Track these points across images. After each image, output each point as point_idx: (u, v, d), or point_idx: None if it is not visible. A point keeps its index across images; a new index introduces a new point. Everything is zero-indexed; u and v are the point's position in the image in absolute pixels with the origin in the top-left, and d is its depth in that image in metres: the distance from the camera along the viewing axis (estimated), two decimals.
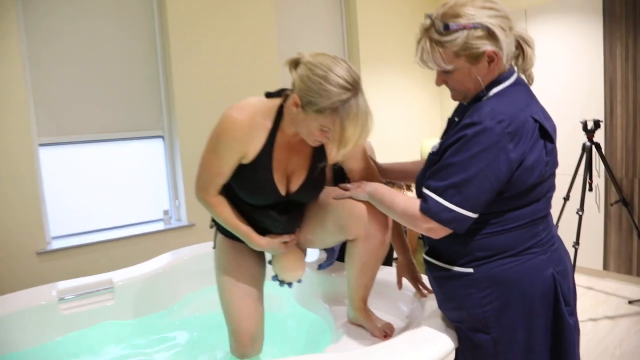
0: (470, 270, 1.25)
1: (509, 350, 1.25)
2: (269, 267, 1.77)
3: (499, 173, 1.14)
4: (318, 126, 1.33)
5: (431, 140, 4.39)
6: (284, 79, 3.96)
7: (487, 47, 1.17)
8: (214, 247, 1.76)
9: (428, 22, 1.22)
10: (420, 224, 1.20)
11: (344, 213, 1.48)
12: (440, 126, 5.14)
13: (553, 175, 1.28)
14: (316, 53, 1.35)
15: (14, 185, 2.79)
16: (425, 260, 1.40)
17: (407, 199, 1.27)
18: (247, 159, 1.46)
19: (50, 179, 3.03)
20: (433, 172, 1.22)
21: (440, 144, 1.28)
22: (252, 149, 1.44)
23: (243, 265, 1.66)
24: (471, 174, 1.13)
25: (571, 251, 3.02)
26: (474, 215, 1.17)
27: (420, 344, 1.32)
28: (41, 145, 2.97)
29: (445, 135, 1.33)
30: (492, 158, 1.12)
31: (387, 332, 1.55)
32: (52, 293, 2.03)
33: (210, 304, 2.31)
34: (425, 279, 1.69)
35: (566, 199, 3.37)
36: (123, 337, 2.08)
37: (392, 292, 1.78)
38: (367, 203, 1.45)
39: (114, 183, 3.28)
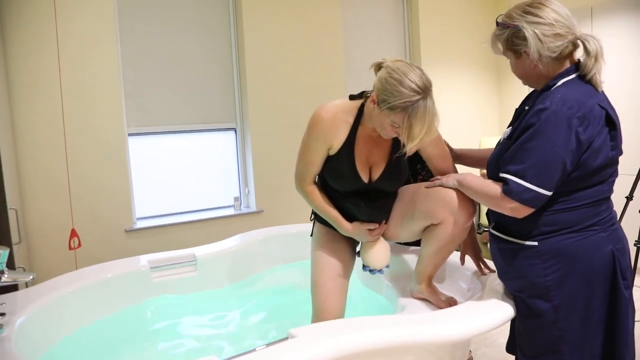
0: (535, 243, 1.38)
1: (568, 317, 1.38)
2: (357, 261, 1.91)
3: (572, 154, 1.28)
4: (390, 122, 1.52)
5: (490, 139, 4.44)
6: (349, 77, 4.15)
7: (522, 47, 1.36)
8: (312, 235, 1.95)
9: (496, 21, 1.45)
10: (505, 205, 1.34)
11: (433, 198, 1.63)
12: (499, 125, 5.17)
13: (617, 161, 1.40)
14: (396, 59, 1.55)
15: (108, 170, 3.13)
16: (491, 234, 1.54)
17: (491, 184, 1.41)
18: (334, 150, 1.68)
19: (136, 166, 3.36)
20: (510, 156, 1.36)
21: (513, 130, 1.42)
22: (336, 141, 1.67)
23: (336, 249, 1.84)
24: (547, 156, 1.28)
25: (632, 250, 3.01)
26: (550, 194, 1.31)
27: (484, 310, 1.47)
28: (130, 134, 3.31)
29: (515, 122, 1.46)
30: (565, 140, 1.26)
31: (451, 305, 1.68)
32: (145, 262, 2.30)
33: (282, 280, 2.53)
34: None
35: (629, 198, 3.34)
36: (204, 303, 2.33)
37: (453, 270, 1.92)
38: (455, 190, 1.59)
39: (190, 171, 3.58)
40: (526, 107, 1.44)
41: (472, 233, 1.81)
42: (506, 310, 1.47)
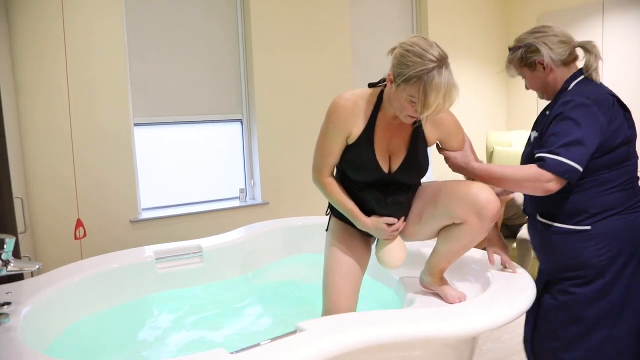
0: (588, 227, 1.53)
1: (616, 291, 1.53)
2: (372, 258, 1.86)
3: (594, 133, 1.47)
4: (407, 97, 1.46)
5: (497, 134, 4.40)
6: (356, 71, 4.12)
7: (535, 57, 1.61)
8: (327, 230, 1.89)
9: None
10: (542, 180, 1.46)
11: (456, 197, 1.58)
12: (506, 121, 5.14)
13: (634, 139, 1.59)
14: (412, 36, 1.52)
15: (114, 161, 3.12)
16: (539, 222, 1.65)
17: (523, 166, 1.53)
18: (352, 139, 1.63)
19: (141, 156, 3.35)
20: (542, 143, 1.53)
21: (543, 125, 1.60)
22: (355, 129, 1.62)
23: (351, 246, 1.78)
24: (574, 136, 1.46)
25: None
26: (581, 168, 1.46)
27: (493, 306, 1.45)
28: (135, 124, 3.29)
29: (539, 122, 1.67)
30: (587, 122, 1.47)
31: (460, 300, 1.66)
32: (150, 253, 2.29)
33: (288, 272, 2.52)
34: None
35: None
36: (209, 295, 2.32)
37: (462, 265, 1.89)
38: (481, 189, 1.55)
39: (196, 162, 3.57)
40: (547, 112, 1.62)
41: (495, 229, 1.78)
42: (516, 307, 1.46)
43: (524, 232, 3.25)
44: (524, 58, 1.64)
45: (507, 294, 1.56)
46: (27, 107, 2.85)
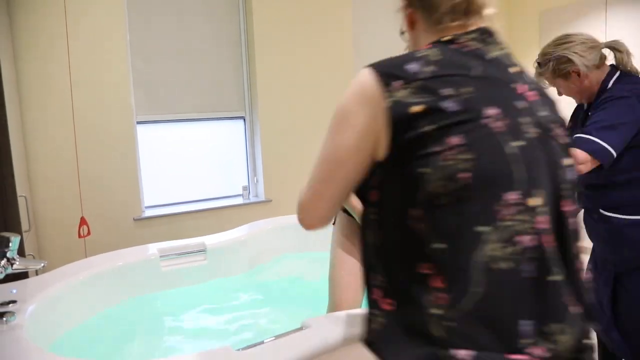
0: None
1: None
2: None
3: (629, 121, 1.51)
4: None
5: None
6: (359, 66, 4.10)
7: (569, 67, 1.63)
8: (334, 223, 1.86)
9: (535, 64, 1.74)
10: (577, 161, 1.47)
11: None
12: None
13: None
14: None
15: (117, 159, 3.12)
16: (606, 216, 1.65)
17: None
18: None
19: (144, 154, 3.35)
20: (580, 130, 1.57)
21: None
22: None
23: (357, 242, 1.73)
24: (609, 122, 1.51)
25: None
26: (613, 151, 1.49)
27: None
28: (138, 122, 3.29)
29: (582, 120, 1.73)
30: (623, 111, 1.53)
31: None
32: (154, 251, 2.29)
33: (292, 269, 2.52)
34: None
35: None
36: (214, 292, 2.32)
37: None
38: None
39: (199, 159, 3.57)
40: (590, 113, 1.65)
41: None
42: None
43: None
44: (557, 70, 1.65)
45: None
46: (29, 106, 2.85)
